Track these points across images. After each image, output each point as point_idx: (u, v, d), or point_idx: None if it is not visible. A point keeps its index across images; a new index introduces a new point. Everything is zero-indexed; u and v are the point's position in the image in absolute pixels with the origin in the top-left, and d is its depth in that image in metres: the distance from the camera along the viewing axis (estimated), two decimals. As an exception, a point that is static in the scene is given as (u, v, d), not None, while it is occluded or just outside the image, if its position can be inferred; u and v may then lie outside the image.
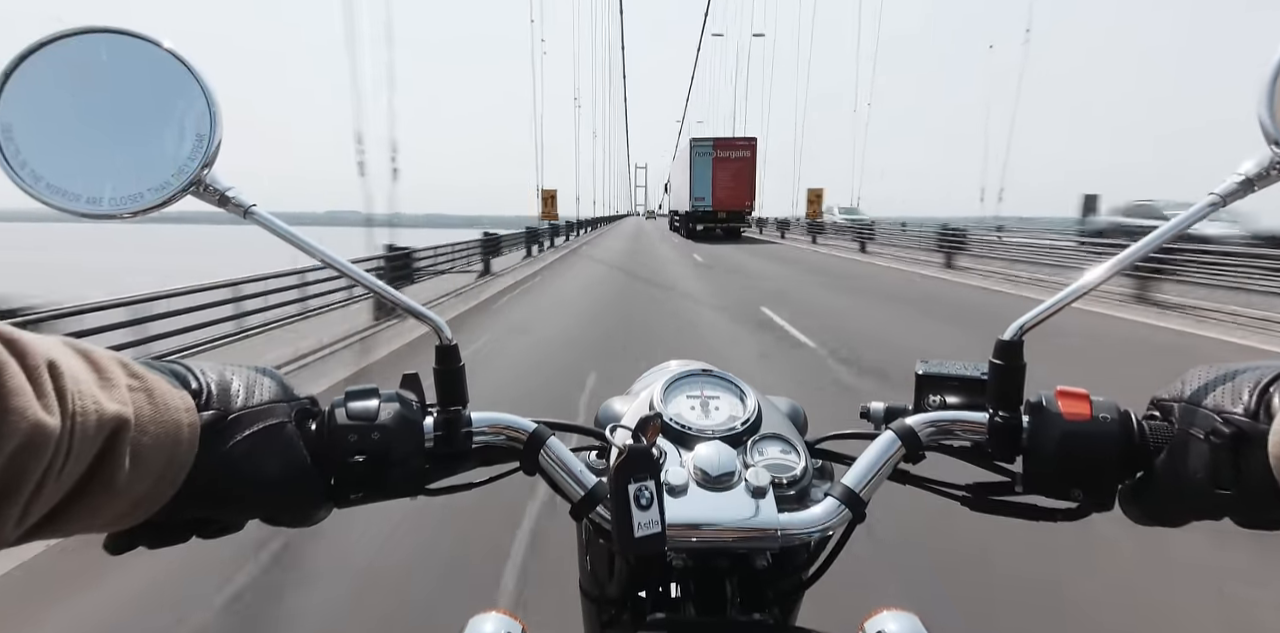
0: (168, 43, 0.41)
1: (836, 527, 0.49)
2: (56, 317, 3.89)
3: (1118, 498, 0.47)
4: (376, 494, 0.46)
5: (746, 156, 29.00)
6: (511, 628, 0.54)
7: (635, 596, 0.56)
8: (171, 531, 0.41)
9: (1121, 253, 0.46)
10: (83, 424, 0.30)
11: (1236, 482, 0.40)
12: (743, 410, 0.57)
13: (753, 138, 30.26)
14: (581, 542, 0.64)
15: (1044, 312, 0.47)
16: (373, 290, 0.49)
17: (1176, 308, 7.86)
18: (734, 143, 29.78)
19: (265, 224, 0.46)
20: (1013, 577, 2.08)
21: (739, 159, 28.82)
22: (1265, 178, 0.42)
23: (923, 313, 7.94)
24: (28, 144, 0.38)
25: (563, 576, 0.82)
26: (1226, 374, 0.43)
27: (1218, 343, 6.08)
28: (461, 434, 0.49)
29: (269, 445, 0.41)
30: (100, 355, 0.34)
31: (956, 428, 0.51)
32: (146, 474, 0.34)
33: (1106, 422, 0.46)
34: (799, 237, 27.67)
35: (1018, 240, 13.99)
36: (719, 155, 28.75)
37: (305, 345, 5.77)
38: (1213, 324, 6.93)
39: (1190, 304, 7.92)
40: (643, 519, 0.43)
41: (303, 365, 5.21)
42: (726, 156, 28.75)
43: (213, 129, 0.42)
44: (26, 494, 0.28)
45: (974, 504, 0.53)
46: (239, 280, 5.85)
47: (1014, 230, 15.95)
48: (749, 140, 29.97)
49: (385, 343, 6.01)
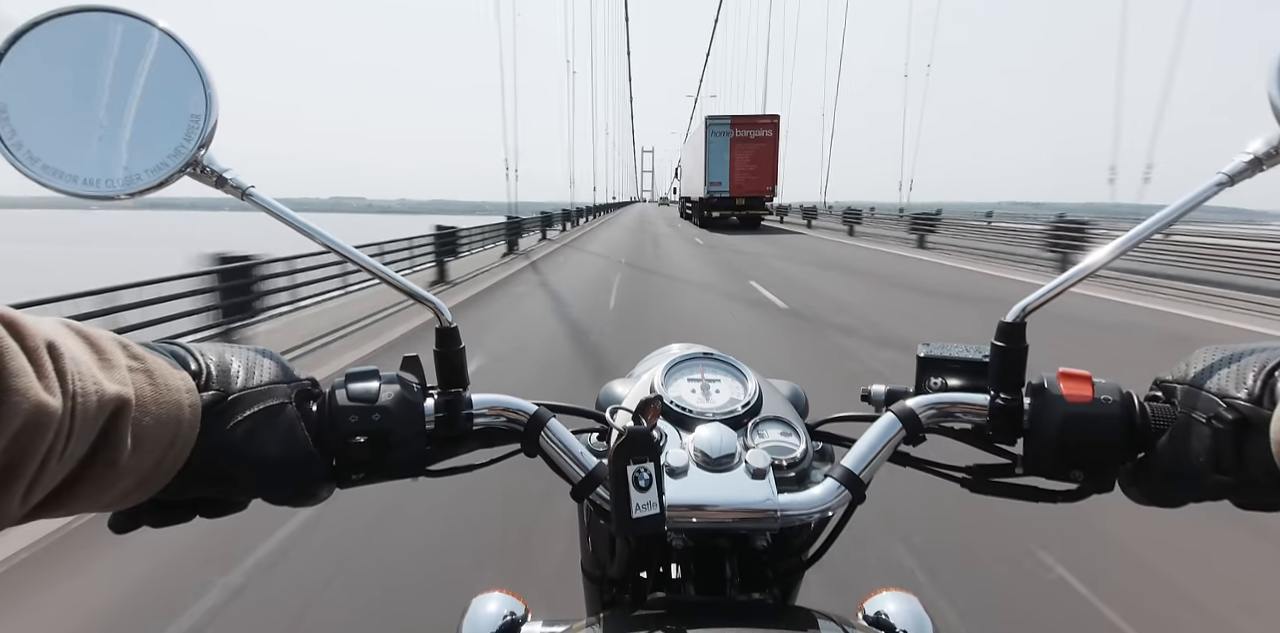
0: (163, 22, 0.41)
1: (836, 508, 0.49)
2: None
3: (1118, 479, 0.47)
4: (377, 475, 0.47)
5: (768, 136, 26.08)
6: (515, 607, 0.55)
7: (636, 576, 0.57)
8: (175, 510, 0.42)
9: (1125, 234, 0.45)
10: (84, 405, 0.30)
11: (1238, 467, 0.39)
12: (743, 393, 0.57)
13: (775, 115, 27.05)
14: (583, 523, 0.64)
15: (1046, 293, 0.47)
16: (373, 273, 0.49)
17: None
18: (754, 121, 26.66)
19: (264, 206, 0.46)
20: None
21: (760, 139, 26.00)
22: (1274, 157, 0.41)
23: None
24: (23, 125, 0.38)
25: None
26: (1231, 356, 0.42)
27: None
28: (462, 416, 0.50)
29: (270, 426, 0.41)
30: (100, 337, 0.35)
31: (957, 410, 0.51)
32: (148, 454, 0.35)
33: (1108, 404, 0.45)
34: (833, 226, 24.00)
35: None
36: (737, 135, 25.95)
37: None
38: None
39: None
40: (641, 500, 0.43)
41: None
42: (746, 136, 25.98)
43: (209, 110, 0.42)
44: (30, 474, 0.28)
45: (974, 486, 0.53)
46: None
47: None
48: (771, 118, 26.84)
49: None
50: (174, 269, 4.74)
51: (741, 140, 25.96)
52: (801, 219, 28.86)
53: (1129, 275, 8.99)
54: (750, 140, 25.99)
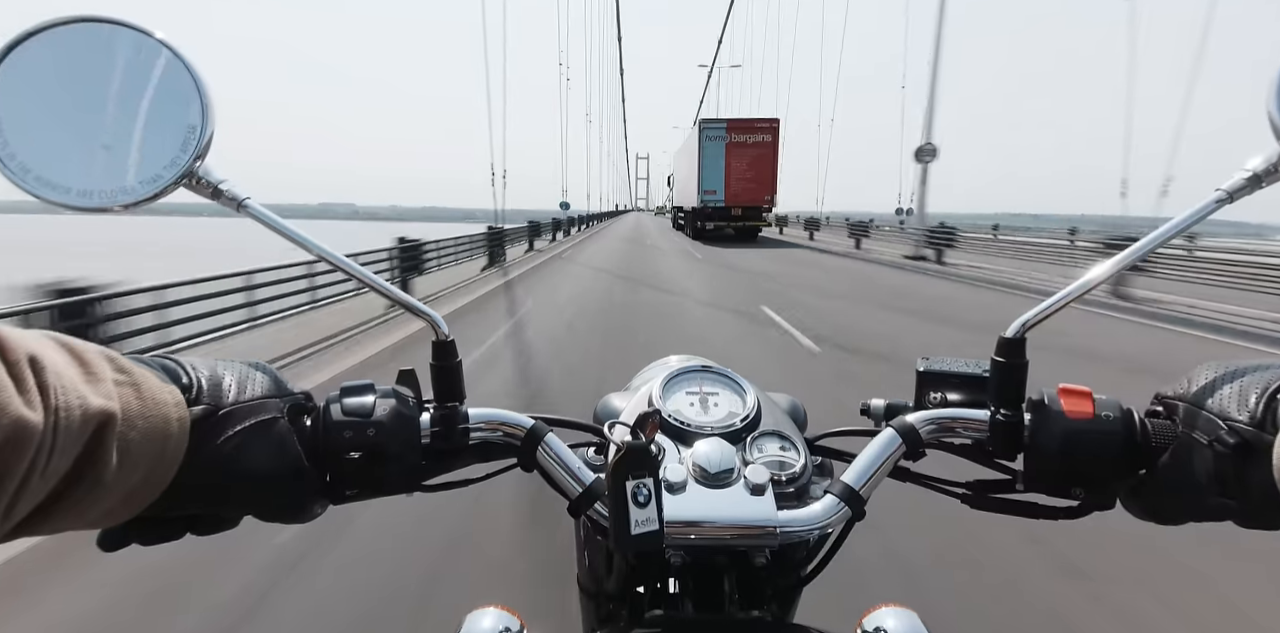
0: (159, 33, 0.41)
1: (835, 525, 0.49)
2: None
3: (1119, 496, 0.47)
4: (372, 491, 0.46)
5: (767, 141, 23.89)
6: (510, 624, 0.54)
7: (633, 592, 0.56)
8: (164, 527, 0.41)
9: (1125, 250, 0.45)
10: (67, 419, 0.30)
11: (1240, 491, 0.39)
12: (742, 407, 0.56)
13: (775, 119, 24.59)
14: (580, 538, 0.64)
15: (1047, 309, 0.46)
16: (367, 284, 0.48)
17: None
18: (752, 125, 24.36)
19: (259, 218, 0.45)
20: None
21: (758, 144, 23.84)
22: (1273, 174, 0.41)
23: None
24: (16, 136, 0.38)
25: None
26: (1234, 374, 0.42)
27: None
28: (458, 430, 0.49)
29: (261, 441, 0.41)
30: (85, 349, 0.34)
31: (957, 425, 0.50)
32: (135, 470, 0.34)
33: (1109, 420, 0.45)
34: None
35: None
36: (733, 140, 23.76)
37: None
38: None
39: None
40: (640, 517, 0.43)
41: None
42: (743, 141, 23.80)
43: (205, 121, 0.41)
44: (10, 491, 0.28)
45: (974, 502, 0.52)
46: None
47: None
48: (770, 122, 24.46)
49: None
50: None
51: (738, 146, 23.94)
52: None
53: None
54: (748, 146, 23.96)
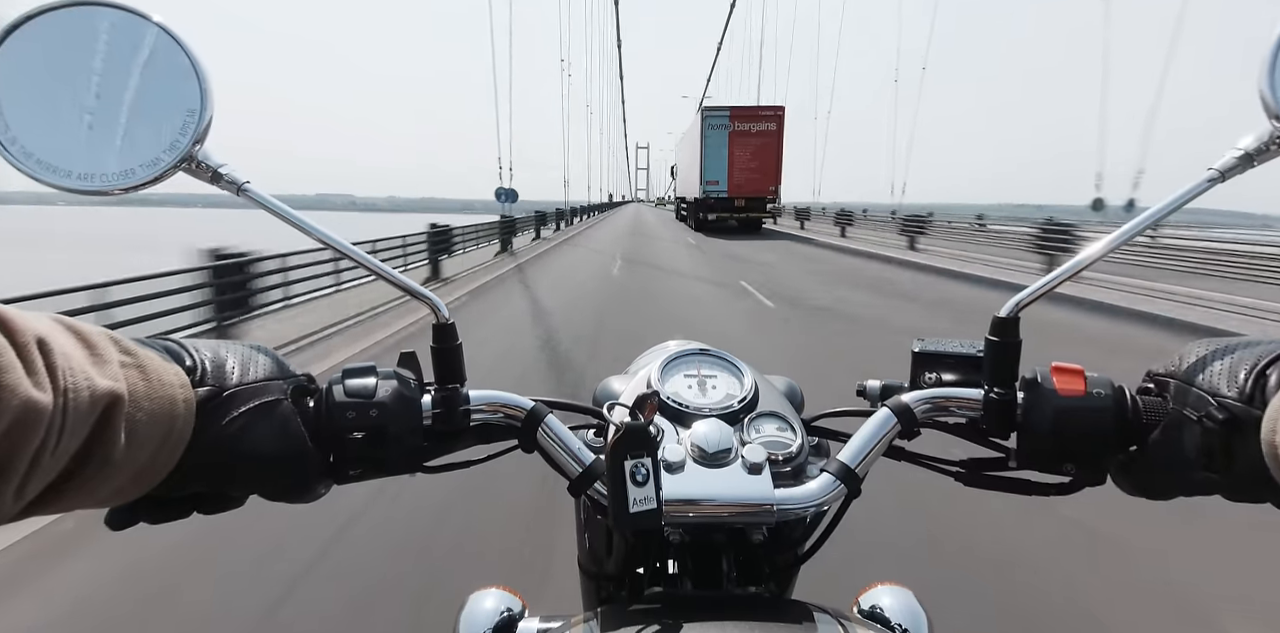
0: (157, 16, 0.41)
1: (832, 502, 0.49)
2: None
3: (1110, 471, 0.47)
4: (374, 471, 0.47)
5: (772, 130, 23.32)
6: (511, 604, 0.55)
7: (633, 571, 0.57)
8: (171, 506, 0.42)
9: (1118, 230, 0.46)
10: (75, 400, 0.30)
11: (1228, 466, 0.39)
12: (740, 389, 0.57)
13: (779, 106, 24.12)
14: (580, 519, 0.64)
15: (1040, 289, 0.47)
16: (369, 269, 0.49)
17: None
18: (756, 113, 23.87)
19: (260, 201, 0.45)
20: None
21: (762, 133, 23.28)
22: (1265, 153, 0.41)
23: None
24: (17, 120, 0.38)
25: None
26: (1224, 351, 0.42)
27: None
28: (459, 412, 0.50)
29: (265, 422, 0.41)
30: (91, 332, 0.35)
31: (952, 405, 0.51)
32: (142, 450, 0.35)
33: (1100, 397, 0.46)
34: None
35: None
36: (737, 128, 23.25)
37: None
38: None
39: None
40: (638, 495, 0.44)
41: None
42: (746, 130, 23.27)
43: (204, 104, 0.42)
44: (22, 471, 0.28)
45: (968, 479, 0.53)
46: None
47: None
48: (774, 110, 23.94)
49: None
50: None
51: (741, 134, 23.40)
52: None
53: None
54: (751, 135, 23.41)
